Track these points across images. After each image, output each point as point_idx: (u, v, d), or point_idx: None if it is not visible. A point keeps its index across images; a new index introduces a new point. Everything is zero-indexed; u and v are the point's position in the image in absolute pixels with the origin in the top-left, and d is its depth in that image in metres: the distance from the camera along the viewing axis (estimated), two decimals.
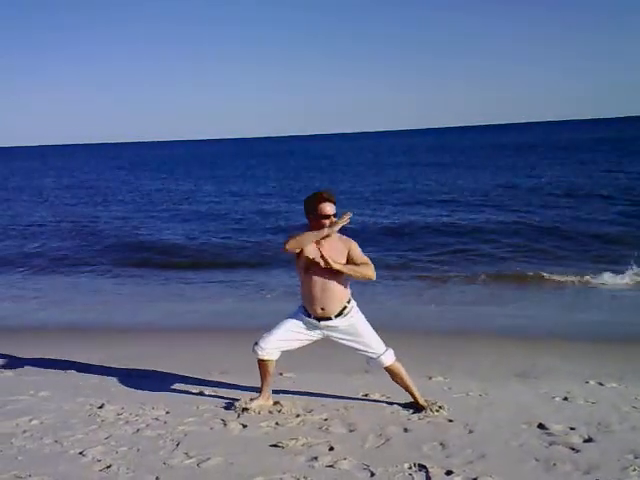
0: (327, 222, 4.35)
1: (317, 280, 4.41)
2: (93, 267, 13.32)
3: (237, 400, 4.72)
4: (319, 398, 4.84)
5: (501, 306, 8.89)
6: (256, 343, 4.57)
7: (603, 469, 3.52)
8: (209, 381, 5.41)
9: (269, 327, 4.63)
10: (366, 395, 4.91)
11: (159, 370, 5.87)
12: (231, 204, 24.10)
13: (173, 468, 3.67)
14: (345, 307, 4.46)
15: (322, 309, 4.44)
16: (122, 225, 19.51)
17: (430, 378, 5.42)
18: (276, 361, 4.62)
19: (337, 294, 4.43)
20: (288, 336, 4.56)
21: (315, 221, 4.40)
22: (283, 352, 4.62)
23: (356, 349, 4.57)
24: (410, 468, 3.59)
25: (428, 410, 4.48)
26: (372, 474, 3.52)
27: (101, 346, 7.26)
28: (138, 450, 3.93)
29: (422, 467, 3.58)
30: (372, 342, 4.54)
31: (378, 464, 3.63)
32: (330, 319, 4.46)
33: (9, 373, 5.92)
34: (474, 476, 3.46)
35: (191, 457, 3.81)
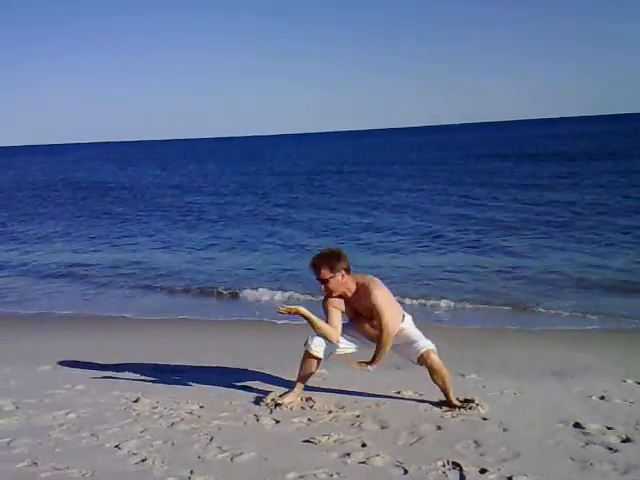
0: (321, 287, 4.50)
1: (365, 327, 4.53)
2: None
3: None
4: (351, 395, 4.83)
5: (533, 301, 8.77)
6: (311, 337, 4.58)
7: None
8: (243, 376, 5.45)
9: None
10: (398, 392, 4.88)
11: (193, 364, 5.94)
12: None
13: (207, 462, 3.70)
14: (402, 329, 4.54)
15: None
16: None
17: (463, 376, 5.36)
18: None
19: None
20: (344, 341, 4.62)
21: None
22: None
23: (398, 343, 4.57)
24: (444, 466, 3.56)
25: (462, 408, 4.45)
26: (405, 471, 3.50)
27: (136, 339, 7.38)
28: (173, 444, 3.97)
29: (456, 465, 3.55)
30: (416, 337, 4.55)
31: (411, 461, 3.60)
32: None
33: (46, 367, 6.03)
34: (509, 475, 3.42)
35: (225, 451, 3.83)
